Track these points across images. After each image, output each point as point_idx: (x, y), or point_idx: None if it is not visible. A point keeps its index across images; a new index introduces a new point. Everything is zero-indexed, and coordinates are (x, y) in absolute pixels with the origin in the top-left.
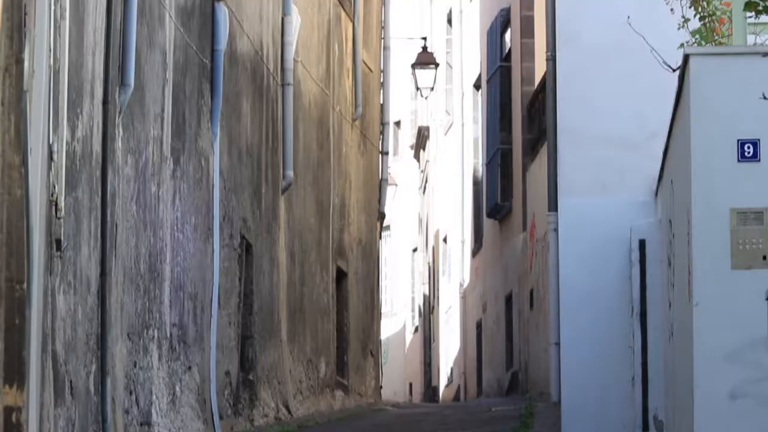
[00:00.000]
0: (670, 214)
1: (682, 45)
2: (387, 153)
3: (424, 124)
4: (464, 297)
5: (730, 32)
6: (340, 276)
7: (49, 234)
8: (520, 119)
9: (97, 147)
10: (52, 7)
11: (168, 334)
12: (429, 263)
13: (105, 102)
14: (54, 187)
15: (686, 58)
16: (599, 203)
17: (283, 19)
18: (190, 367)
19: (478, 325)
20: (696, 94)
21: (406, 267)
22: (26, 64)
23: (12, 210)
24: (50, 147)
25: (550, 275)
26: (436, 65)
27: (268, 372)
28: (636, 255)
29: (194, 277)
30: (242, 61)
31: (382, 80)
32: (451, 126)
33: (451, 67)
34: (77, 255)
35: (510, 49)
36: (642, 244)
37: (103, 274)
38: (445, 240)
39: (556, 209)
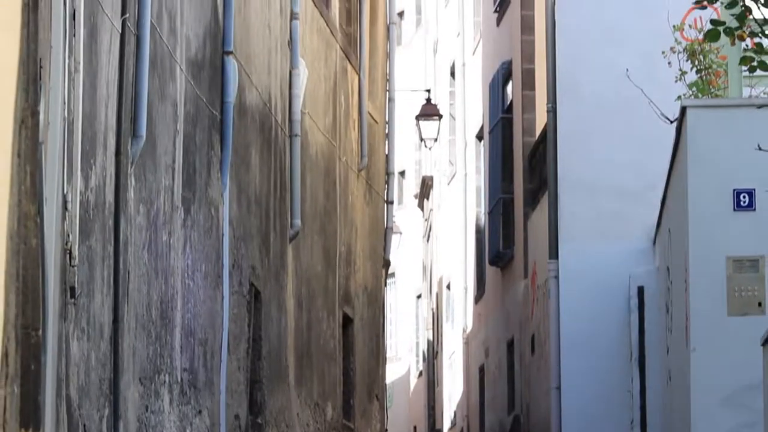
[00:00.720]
0: (667, 262)
1: (679, 97)
2: (392, 202)
3: (428, 174)
4: (467, 342)
5: (726, 85)
6: (347, 322)
7: (63, 282)
8: (522, 169)
9: (110, 197)
10: (67, 61)
11: (179, 379)
12: (433, 309)
13: (117, 153)
14: (68, 236)
15: (683, 109)
16: (598, 251)
17: (290, 72)
18: (200, 411)
19: (481, 370)
20: (693, 145)
21: (410, 313)
22: (41, 116)
23: (28, 259)
24: (64, 197)
25: (551, 321)
26: (440, 117)
27: (276, 415)
28: (635, 301)
29: (204, 323)
30: (251, 113)
31: (387, 131)
32: (454, 176)
33: (454, 118)
34: (91, 302)
35: (511, 101)
36: (640, 290)
37: (116, 320)
38: (448, 287)
39: (556, 257)
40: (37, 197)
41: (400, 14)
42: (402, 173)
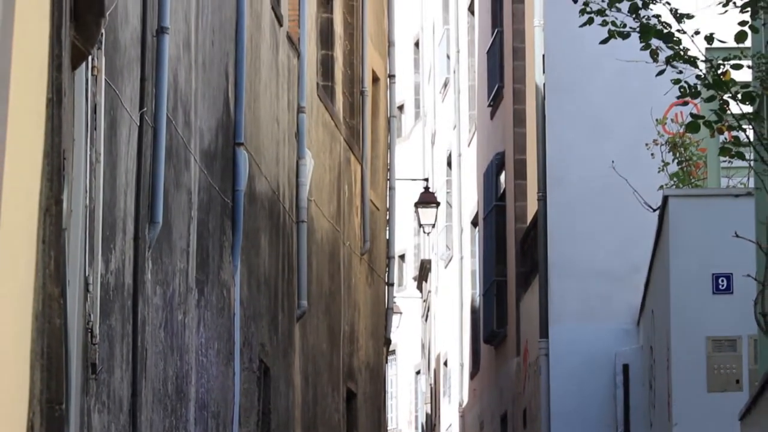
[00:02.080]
0: (651, 341)
1: (661, 187)
2: (392, 284)
3: (427, 258)
4: (463, 416)
5: (706, 176)
6: (350, 396)
7: (85, 359)
8: (514, 253)
9: (128, 279)
10: (88, 152)
11: None
12: (431, 384)
13: (136, 238)
14: (90, 315)
15: (665, 199)
16: (586, 331)
17: (297, 162)
18: None
19: None
20: (674, 232)
21: (410, 388)
22: (65, 204)
23: (52, 338)
24: (86, 279)
25: (542, 396)
26: (437, 204)
27: None
28: (620, 378)
29: (217, 397)
30: (260, 201)
31: (388, 217)
32: (450, 259)
33: (450, 205)
34: (111, 377)
35: (504, 190)
36: (625, 368)
37: (134, 394)
38: (445, 363)
39: (546, 336)
40: (60, 280)
41: (400, 108)
42: (402, 257)
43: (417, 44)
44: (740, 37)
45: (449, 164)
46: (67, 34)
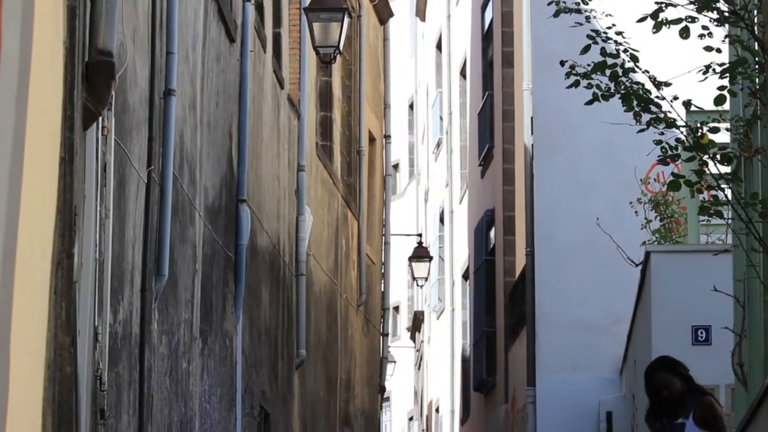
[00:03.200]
0: (633, 390)
1: (644, 243)
2: (387, 334)
3: (420, 309)
4: None
5: (686, 232)
6: None
7: (94, 405)
8: (503, 306)
9: (135, 329)
10: (98, 208)
11: None
12: (423, 430)
13: (143, 290)
14: (99, 363)
15: (647, 254)
16: (571, 380)
17: (297, 218)
18: None
19: None
20: (656, 286)
21: None
22: (76, 258)
23: (63, 385)
24: (95, 329)
25: None
26: (430, 258)
27: None
28: (604, 425)
29: None
30: (262, 255)
31: (383, 271)
32: (442, 311)
33: (443, 259)
34: (118, 423)
35: (494, 245)
36: (609, 415)
37: None
38: (437, 410)
39: (533, 384)
40: (71, 330)
41: (395, 167)
42: (396, 308)
43: (411, 106)
44: (719, 100)
45: (442, 220)
46: (79, 96)
